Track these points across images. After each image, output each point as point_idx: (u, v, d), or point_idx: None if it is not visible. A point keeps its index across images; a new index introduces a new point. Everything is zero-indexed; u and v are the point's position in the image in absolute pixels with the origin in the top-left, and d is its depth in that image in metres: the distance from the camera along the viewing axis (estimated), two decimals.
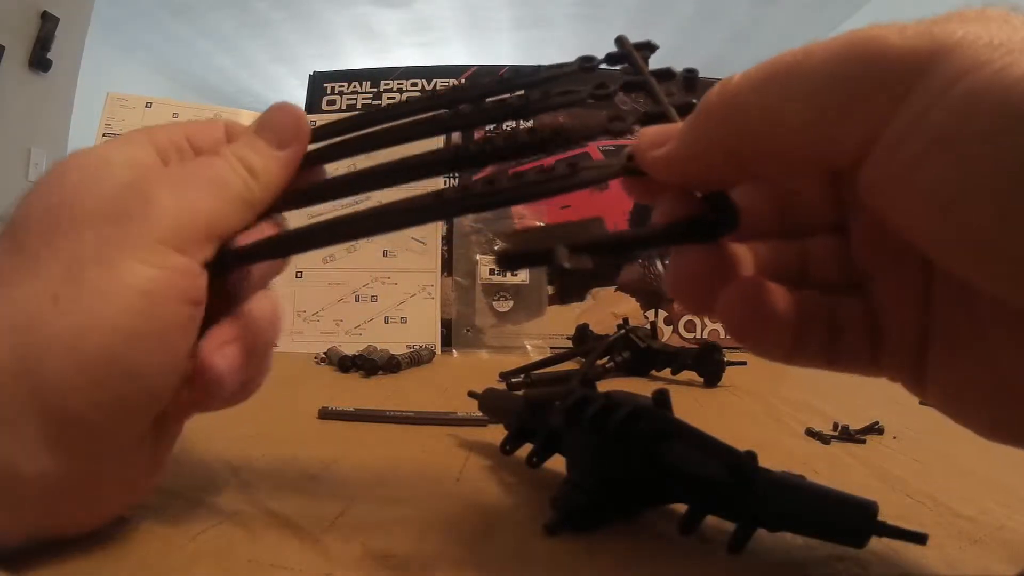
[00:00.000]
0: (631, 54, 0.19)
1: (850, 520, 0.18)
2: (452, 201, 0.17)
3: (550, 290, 0.77)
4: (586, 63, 0.19)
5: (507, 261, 0.14)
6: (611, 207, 0.77)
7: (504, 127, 0.16)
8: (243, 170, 0.19)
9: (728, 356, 0.52)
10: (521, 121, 0.66)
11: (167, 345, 0.16)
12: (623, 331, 0.56)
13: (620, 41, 0.20)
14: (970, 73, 0.11)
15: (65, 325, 0.15)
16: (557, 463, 0.24)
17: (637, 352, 0.55)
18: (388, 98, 0.86)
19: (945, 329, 0.16)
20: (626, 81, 0.19)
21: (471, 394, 0.33)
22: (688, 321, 0.78)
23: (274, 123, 0.21)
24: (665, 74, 0.19)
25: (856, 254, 0.18)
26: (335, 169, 0.22)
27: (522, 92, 0.19)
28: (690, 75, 0.18)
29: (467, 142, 0.18)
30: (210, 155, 0.20)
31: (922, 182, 0.12)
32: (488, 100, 0.19)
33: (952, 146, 0.11)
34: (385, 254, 0.71)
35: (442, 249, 0.74)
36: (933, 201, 0.12)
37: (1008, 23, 0.12)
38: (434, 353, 0.64)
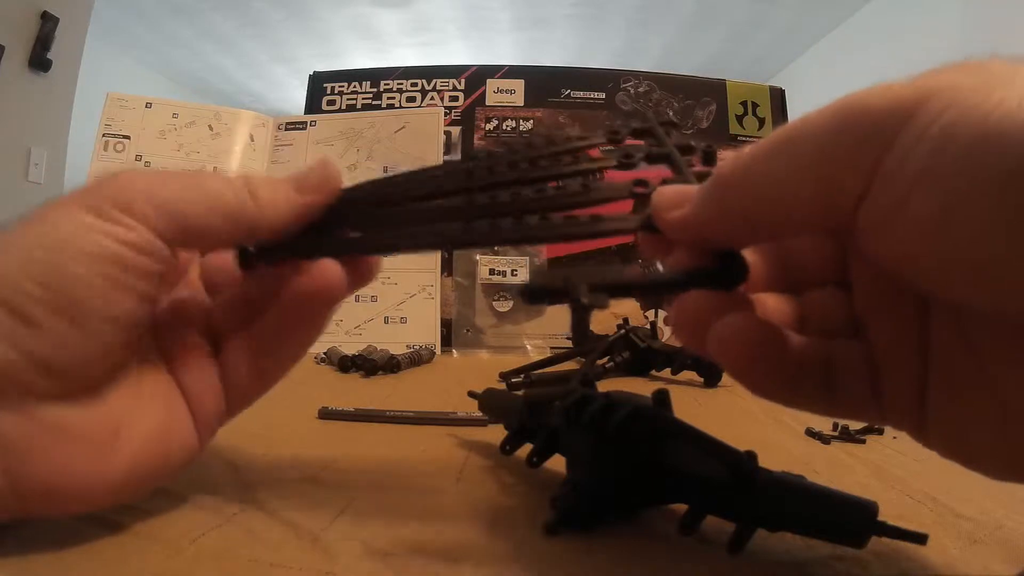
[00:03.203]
0: (655, 128, 0.21)
1: (850, 520, 0.18)
2: (481, 233, 0.19)
3: None
4: (614, 135, 0.21)
5: (530, 295, 0.16)
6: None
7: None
8: (243, 190, 0.20)
9: None
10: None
11: (104, 272, 0.18)
12: (623, 331, 0.56)
13: (644, 117, 0.22)
14: (948, 109, 0.12)
15: (20, 241, 0.18)
16: (557, 463, 0.24)
17: (637, 352, 0.55)
18: (388, 98, 0.86)
19: (944, 366, 0.16)
20: (650, 152, 0.20)
21: (471, 394, 0.33)
22: None
23: (304, 172, 0.22)
24: (686, 148, 0.20)
25: (856, 304, 0.18)
26: None
27: (551, 156, 0.20)
28: (709, 150, 0.19)
29: (496, 193, 0.19)
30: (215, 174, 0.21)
31: (912, 214, 0.12)
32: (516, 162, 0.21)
33: (934, 176, 0.12)
34: None
35: None
36: (924, 230, 0.12)
37: (986, 69, 0.13)
38: (434, 353, 0.64)
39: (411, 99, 0.86)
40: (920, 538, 0.17)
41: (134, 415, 0.20)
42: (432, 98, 0.85)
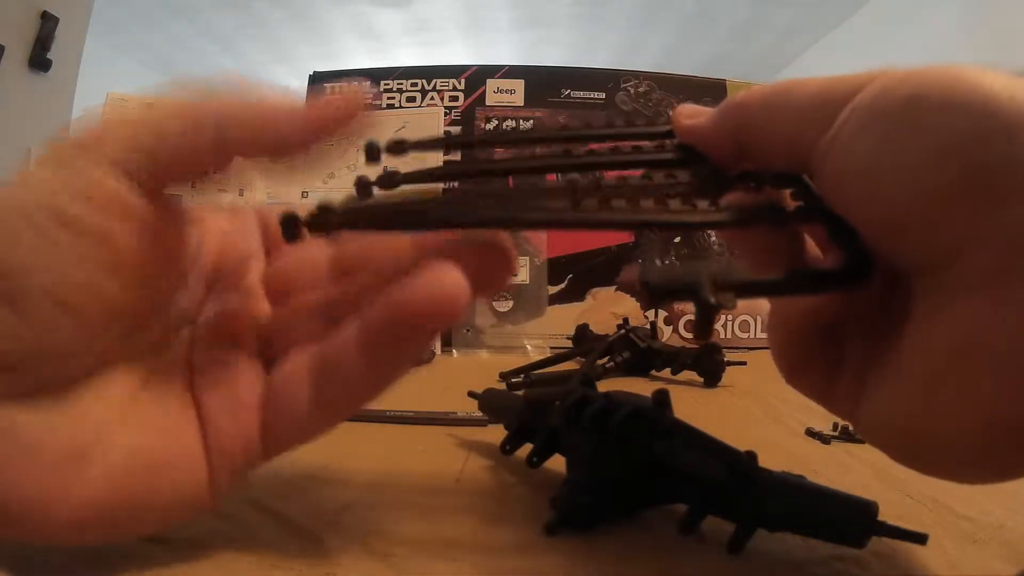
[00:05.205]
0: (809, 186, 0.19)
1: (850, 520, 0.18)
2: (590, 215, 0.16)
3: (551, 290, 0.77)
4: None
5: (655, 294, 0.15)
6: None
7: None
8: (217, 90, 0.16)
9: (728, 356, 0.52)
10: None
11: (48, 236, 0.14)
12: (623, 331, 0.56)
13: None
14: (888, 79, 0.15)
15: None
16: (557, 463, 0.24)
17: (637, 352, 0.55)
18: (388, 98, 0.86)
19: (869, 334, 0.17)
20: (776, 174, 0.19)
21: (471, 394, 0.33)
22: (688, 321, 0.78)
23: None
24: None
25: None
26: None
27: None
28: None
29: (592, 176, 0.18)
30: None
31: (853, 157, 0.15)
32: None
33: (870, 125, 0.15)
34: None
35: None
36: (857, 164, 0.15)
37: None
38: (434, 353, 0.65)
39: (411, 99, 0.86)
40: (920, 538, 0.17)
41: (115, 434, 0.16)
42: (432, 98, 0.85)
